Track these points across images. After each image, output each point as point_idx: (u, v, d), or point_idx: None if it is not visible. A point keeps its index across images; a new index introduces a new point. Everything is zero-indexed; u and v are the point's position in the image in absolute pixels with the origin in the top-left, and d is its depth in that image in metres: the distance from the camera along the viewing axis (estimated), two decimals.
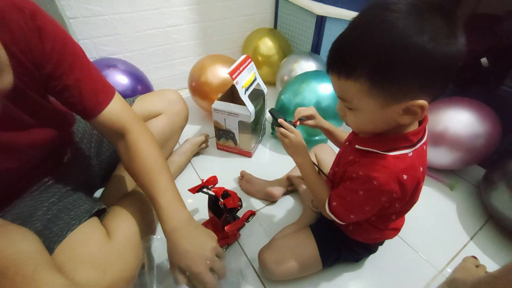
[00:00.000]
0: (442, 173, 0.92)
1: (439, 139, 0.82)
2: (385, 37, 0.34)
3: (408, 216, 0.74)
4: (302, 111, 0.63)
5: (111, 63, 1.03)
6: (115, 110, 0.51)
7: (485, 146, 0.80)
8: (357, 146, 0.47)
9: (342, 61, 0.39)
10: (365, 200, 0.46)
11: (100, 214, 0.57)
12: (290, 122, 0.60)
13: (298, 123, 0.62)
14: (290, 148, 0.58)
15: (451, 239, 0.75)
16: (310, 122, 0.63)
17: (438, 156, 0.85)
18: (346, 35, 0.39)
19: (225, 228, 0.60)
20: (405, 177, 0.42)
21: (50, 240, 0.47)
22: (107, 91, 0.52)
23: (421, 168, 0.45)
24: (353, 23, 0.38)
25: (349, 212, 0.49)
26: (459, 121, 0.81)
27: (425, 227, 0.77)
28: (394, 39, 0.33)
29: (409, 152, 0.43)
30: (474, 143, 0.80)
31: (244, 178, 0.88)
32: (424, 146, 0.46)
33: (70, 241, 0.48)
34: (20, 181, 0.52)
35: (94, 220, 0.54)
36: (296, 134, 0.58)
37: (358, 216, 0.49)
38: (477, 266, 0.63)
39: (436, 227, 0.78)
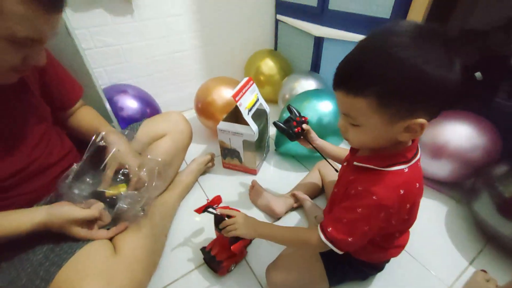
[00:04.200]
0: (448, 186, 0.93)
1: (440, 152, 0.84)
2: (393, 63, 0.36)
3: (415, 230, 0.74)
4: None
5: (121, 89, 1.09)
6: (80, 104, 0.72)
7: (486, 158, 0.81)
8: (355, 163, 0.49)
9: (351, 80, 0.41)
10: (364, 219, 0.45)
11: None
12: (301, 118, 0.69)
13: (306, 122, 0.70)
14: (245, 230, 0.58)
15: (460, 253, 0.74)
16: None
17: (441, 169, 0.86)
18: (355, 57, 0.41)
19: (232, 247, 0.62)
20: (402, 191, 0.44)
21: (59, 256, 0.51)
22: (79, 88, 0.70)
23: (417, 184, 0.47)
24: (361, 46, 0.41)
25: (347, 235, 0.47)
26: (460, 134, 0.82)
27: (433, 242, 0.77)
28: (402, 67, 0.36)
29: (405, 168, 0.45)
30: (475, 155, 0.81)
31: (254, 188, 0.90)
32: (419, 163, 0.48)
33: (78, 257, 0.52)
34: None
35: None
36: (238, 215, 0.60)
37: (356, 239, 0.47)
38: (487, 281, 0.62)
39: (444, 241, 0.78)
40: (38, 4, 0.40)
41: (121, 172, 0.63)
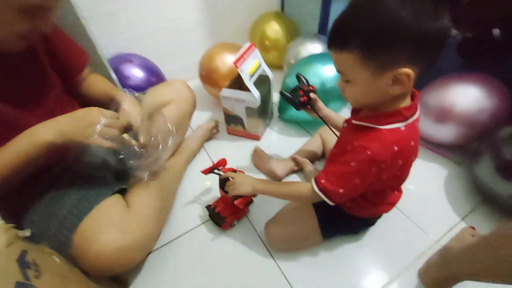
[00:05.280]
0: (452, 149, 0.92)
1: (445, 115, 0.82)
2: (373, 12, 0.39)
3: (411, 192, 0.77)
4: None
5: (127, 58, 1.11)
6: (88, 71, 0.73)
7: (495, 120, 0.79)
8: (353, 121, 0.51)
9: (338, 37, 0.43)
10: (356, 172, 0.48)
11: (123, 192, 0.69)
12: (308, 87, 0.69)
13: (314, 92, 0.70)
14: (244, 188, 0.63)
15: (453, 211, 0.77)
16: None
17: (445, 132, 0.85)
18: (343, 14, 0.43)
19: (235, 202, 0.67)
20: (396, 148, 0.46)
21: (81, 211, 0.59)
22: (85, 55, 0.72)
23: (412, 142, 0.48)
24: (350, 4, 0.43)
25: (338, 186, 0.50)
26: (466, 96, 0.80)
27: (428, 201, 0.79)
28: (381, 13, 0.38)
29: (402, 127, 0.46)
30: (482, 117, 0.79)
31: (256, 153, 0.94)
32: (416, 122, 0.49)
33: (96, 212, 0.59)
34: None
35: (117, 196, 0.66)
36: (235, 175, 0.66)
37: (346, 190, 0.50)
38: (473, 236, 0.66)
39: (439, 201, 0.80)
40: None
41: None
